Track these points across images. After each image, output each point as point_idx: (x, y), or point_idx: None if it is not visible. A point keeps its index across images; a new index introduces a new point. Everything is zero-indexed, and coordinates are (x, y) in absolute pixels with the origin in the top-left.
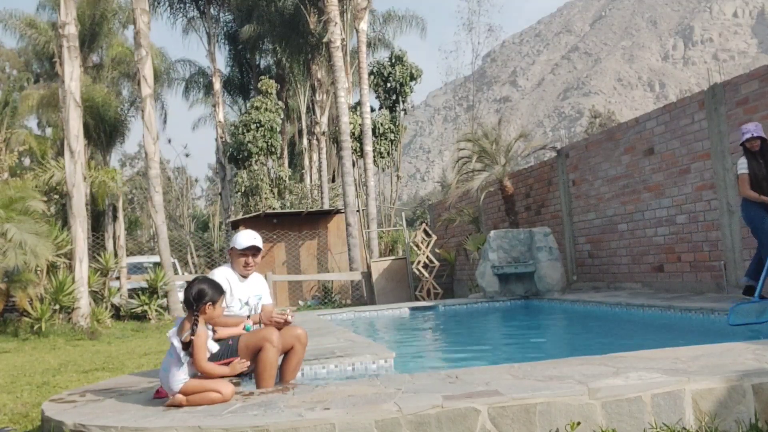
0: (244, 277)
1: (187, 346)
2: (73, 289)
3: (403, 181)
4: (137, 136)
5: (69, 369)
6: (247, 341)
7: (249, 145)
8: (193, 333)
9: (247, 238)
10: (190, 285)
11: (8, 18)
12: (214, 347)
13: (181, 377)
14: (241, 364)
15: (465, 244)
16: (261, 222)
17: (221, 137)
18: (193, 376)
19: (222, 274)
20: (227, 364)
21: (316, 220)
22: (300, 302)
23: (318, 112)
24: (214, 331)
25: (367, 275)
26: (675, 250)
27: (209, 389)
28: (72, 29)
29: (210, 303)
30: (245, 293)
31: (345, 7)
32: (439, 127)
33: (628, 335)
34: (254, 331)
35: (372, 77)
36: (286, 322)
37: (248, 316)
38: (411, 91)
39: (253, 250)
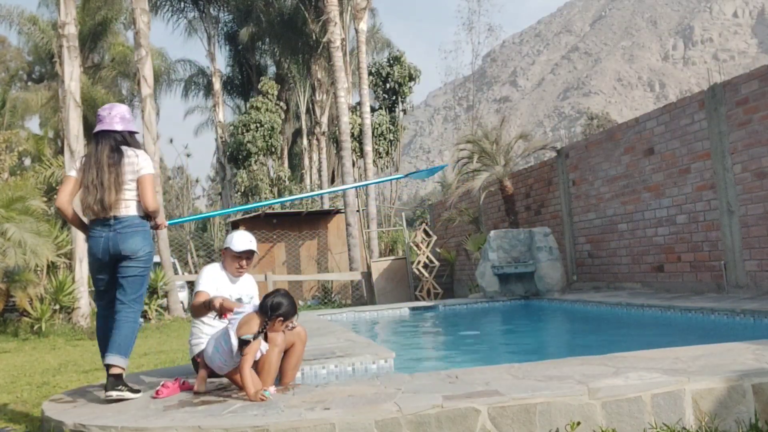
0: (235, 277)
1: (242, 344)
2: (73, 289)
3: (403, 181)
4: None
5: (69, 369)
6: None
7: (249, 145)
8: (255, 338)
9: (243, 241)
10: (272, 294)
11: (9, 15)
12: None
13: (230, 365)
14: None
15: (465, 244)
16: (261, 222)
17: (221, 137)
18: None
19: (210, 273)
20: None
21: (316, 220)
22: (300, 302)
23: (318, 112)
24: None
25: (367, 275)
26: (675, 250)
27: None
28: (72, 29)
29: (281, 319)
30: (236, 292)
31: (345, 7)
32: (439, 127)
33: (628, 335)
34: None
35: (371, 77)
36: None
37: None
38: (410, 92)
39: (248, 254)
